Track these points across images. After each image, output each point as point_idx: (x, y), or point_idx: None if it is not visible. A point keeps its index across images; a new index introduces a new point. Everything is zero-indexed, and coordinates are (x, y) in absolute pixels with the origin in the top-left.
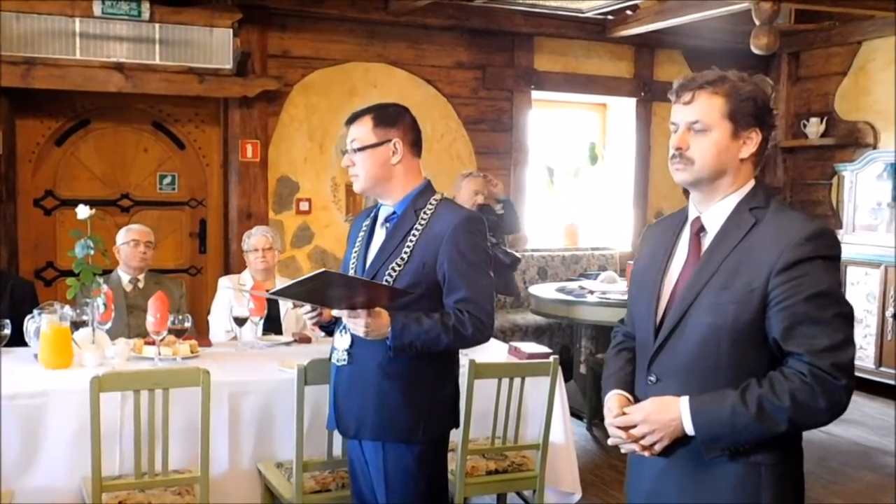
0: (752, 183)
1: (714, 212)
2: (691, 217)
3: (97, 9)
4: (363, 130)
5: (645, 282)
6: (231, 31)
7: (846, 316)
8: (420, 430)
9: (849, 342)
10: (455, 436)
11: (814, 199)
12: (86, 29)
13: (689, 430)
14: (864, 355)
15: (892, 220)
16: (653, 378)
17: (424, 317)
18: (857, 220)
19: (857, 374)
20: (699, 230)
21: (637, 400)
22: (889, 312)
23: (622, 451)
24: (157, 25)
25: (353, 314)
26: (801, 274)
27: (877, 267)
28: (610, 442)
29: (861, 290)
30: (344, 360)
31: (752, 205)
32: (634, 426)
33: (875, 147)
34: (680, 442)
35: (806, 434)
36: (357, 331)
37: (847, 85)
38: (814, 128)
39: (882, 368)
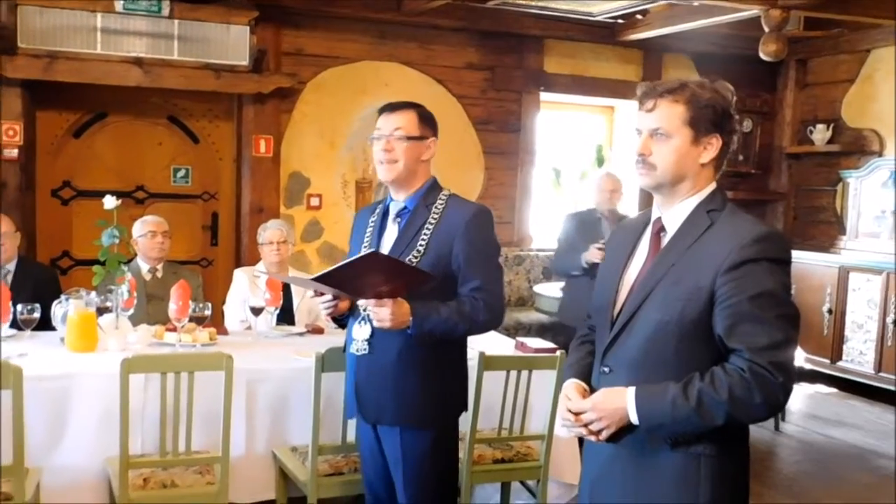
0: (712, 186)
1: (674, 213)
2: (653, 217)
3: (118, 4)
4: (409, 122)
5: (607, 277)
6: (248, 28)
7: (789, 317)
8: (436, 415)
9: (789, 342)
10: (463, 425)
11: (818, 206)
12: (107, 24)
13: (634, 419)
14: (864, 360)
15: (895, 228)
16: (606, 369)
17: (442, 306)
18: (860, 226)
19: (858, 379)
20: (660, 230)
21: (593, 389)
22: (889, 319)
23: (570, 433)
24: (175, 21)
25: (380, 303)
26: (746, 274)
27: (878, 274)
28: (561, 424)
29: (862, 297)
30: (364, 349)
31: (709, 207)
32: (584, 412)
33: (881, 155)
34: (626, 430)
35: (805, 436)
36: (382, 320)
37: (854, 92)
38: (820, 134)
39: (881, 374)
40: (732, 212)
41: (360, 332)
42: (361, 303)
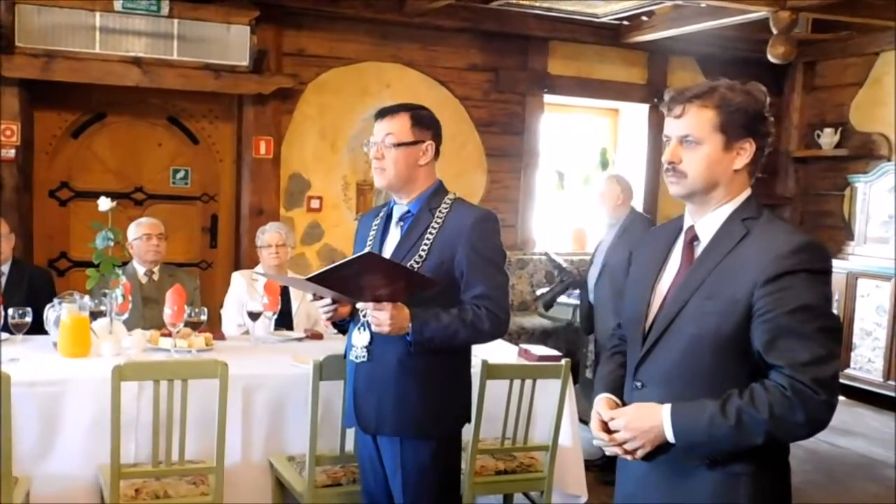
0: (747, 192)
1: (707, 221)
2: (686, 226)
3: (117, 4)
4: (400, 127)
5: (638, 288)
6: (248, 28)
7: (830, 330)
8: (437, 425)
9: (831, 357)
10: (465, 435)
11: (825, 211)
12: (105, 23)
13: (670, 437)
14: (873, 368)
15: None
16: (638, 383)
17: (443, 312)
18: (868, 232)
19: (865, 387)
20: (692, 239)
21: (625, 404)
22: None
23: (606, 453)
24: (175, 21)
25: (379, 307)
26: (785, 287)
27: (888, 280)
28: (594, 444)
29: (871, 303)
30: (363, 356)
31: (744, 215)
32: (618, 430)
33: (889, 159)
34: (661, 448)
35: (811, 445)
36: (380, 324)
37: (863, 96)
38: (827, 138)
39: (890, 381)
40: (769, 220)
41: (360, 339)
42: (360, 306)
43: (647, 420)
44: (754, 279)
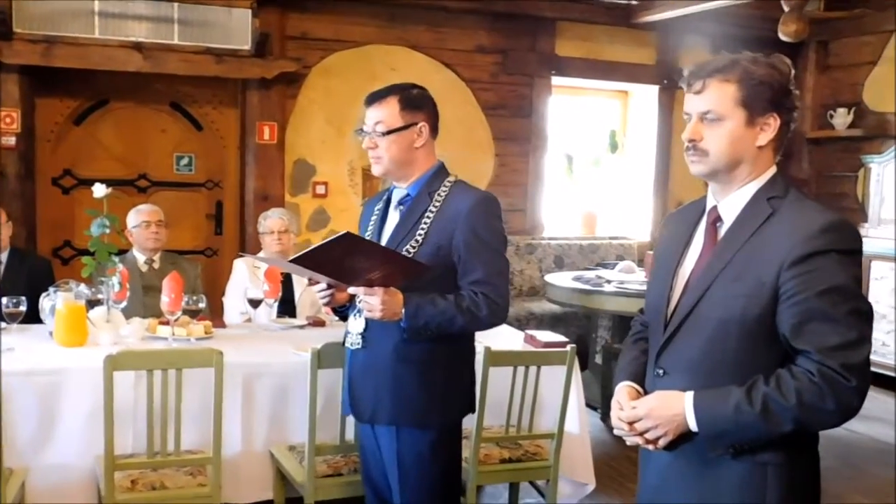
0: (772, 170)
1: (731, 201)
2: (709, 206)
3: None
4: (389, 113)
5: (660, 272)
6: (250, 11)
7: (862, 313)
8: (435, 415)
9: (862, 341)
10: (469, 423)
11: (839, 192)
12: (105, 8)
13: (693, 426)
14: (887, 352)
15: None
16: (660, 371)
17: (439, 298)
18: (883, 213)
19: (879, 371)
20: (716, 220)
21: (647, 392)
22: None
23: (627, 443)
24: (176, 5)
25: (370, 291)
26: (814, 268)
27: None
28: (615, 433)
29: (885, 286)
30: (358, 343)
31: (770, 194)
32: (639, 420)
33: None
34: (685, 437)
35: (828, 430)
36: (372, 309)
37: (877, 75)
38: (841, 118)
39: None
40: (796, 198)
41: (355, 325)
42: (351, 290)
43: (669, 408)
44: (781, 260)
